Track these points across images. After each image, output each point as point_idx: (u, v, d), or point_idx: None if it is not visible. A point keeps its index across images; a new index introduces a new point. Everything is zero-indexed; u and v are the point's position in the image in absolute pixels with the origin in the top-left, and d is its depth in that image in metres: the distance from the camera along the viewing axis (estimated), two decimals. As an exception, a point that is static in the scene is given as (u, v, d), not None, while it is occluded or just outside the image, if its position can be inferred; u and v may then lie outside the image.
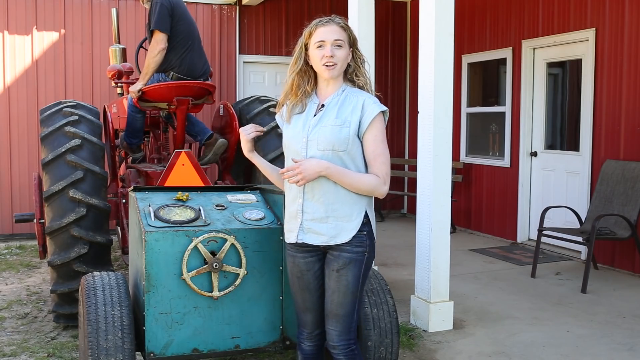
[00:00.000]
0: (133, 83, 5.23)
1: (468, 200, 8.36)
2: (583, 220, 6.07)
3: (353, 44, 2.65)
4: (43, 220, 4.67)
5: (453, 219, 7.76)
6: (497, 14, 7.74)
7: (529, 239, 7.40)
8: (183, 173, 4.64)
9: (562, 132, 7.22)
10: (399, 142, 9.65)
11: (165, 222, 2.93)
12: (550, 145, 7.26)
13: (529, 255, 6.64)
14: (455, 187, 8.17)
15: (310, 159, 2.55)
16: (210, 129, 5.52)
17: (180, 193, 3.18)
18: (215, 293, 2.91)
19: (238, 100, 6.04)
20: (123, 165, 6.14)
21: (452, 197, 5.38)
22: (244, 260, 2.96)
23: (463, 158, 8.42)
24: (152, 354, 2.87)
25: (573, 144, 6.85)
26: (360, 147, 2.59)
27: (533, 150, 7.33)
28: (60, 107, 4.83)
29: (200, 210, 3.06)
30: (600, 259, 6.25)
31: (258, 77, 8.96)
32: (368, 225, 2.62)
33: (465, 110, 8.38)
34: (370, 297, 3.21)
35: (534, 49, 7.23)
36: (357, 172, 2.57)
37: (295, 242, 2.64)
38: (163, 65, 4.82)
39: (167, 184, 4.56)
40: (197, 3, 8.40)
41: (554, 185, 7.03)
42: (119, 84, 5.86)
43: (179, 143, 5.13)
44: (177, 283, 2.87)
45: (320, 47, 2.57)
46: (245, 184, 5.05)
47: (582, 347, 4.14)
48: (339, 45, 2.57)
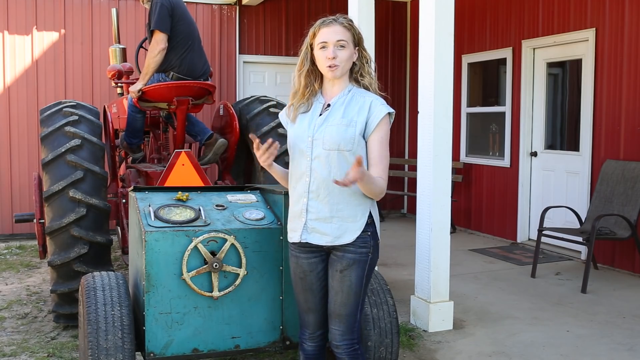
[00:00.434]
0: (133, 83, 5.23)
1: (468, 200, 8.36)
2: (583, 220, 6.07)
3: (358, 43, 2.63)
4: (43, 220, 4.67)
5: (453, 219, 7.76)
6: (497, 14, 7.74)
7: (529, 239, 7.40)
8: (183, 173, 4.64)
9: (562, 132, 7.22)
10: (399, 142, 9.65)
11: (165, 222, 2.93)
12: (550, 145, 7.26)
13: (529, 255, 6.64)
14: (455, 187, 8.17)
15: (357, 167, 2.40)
16: (210, 129, 5.52)
17: (180, 193, 3.18)
18: (215, 293, 2.91)
19: (238, 100, 6.04)
20: (123, 165, 6.14)
21: (452, 197, 5.38)
22: (244, 260, 2.96)
23: (463, 158, 8.42)
24: (152, 354, 2.87)
25: (573, 144, 6.85)
26: (365, 147, 2.59)
27: (533, 150, 7.33)
28: (60, 107, 4.83)
29: (200, 210, 3.06)
30: (600, 259, 6.25)
31: (258, 77, 8.96)
32: (372, 226, 2.61)
33: (465, 110, 8.38)
34: (370, 297, 3.21)
35: (534, 49, 7.23)
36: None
37: (299, 241, 2.64)
38: (163, 65, 4.82)
39: (167, 184, 4.56)
40: (197, 3, 8.40)
41: (554, 185, 7.03)
42: (119, 84, 5.86)
43: (179, 143, 5.14)
44: (177, 283, 2.87)
45: (324, 47, 2.57)
46: (245, 184, 5.05)
47: (582, 347, 4.14)
48: (342, 46, 2.56)
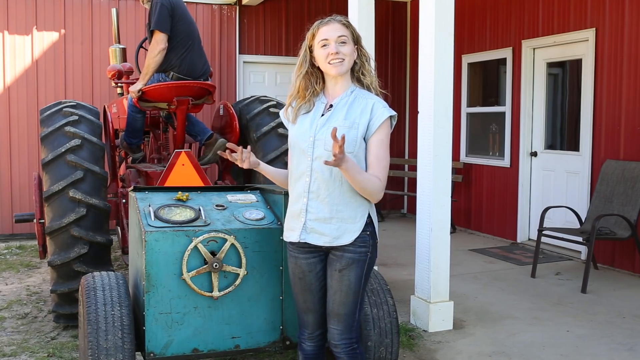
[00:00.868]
0: (133, 83, 5.23)
1: (468, 200, 8.36)
2: (583, 220, 6.07)
3: (357, 41, 2.63)
4: (43, 220, 4.67)
5: (453, 219, 7.76)
6: (497, 14, 7.74)
7: (529, 239, 7.40)
8: (183, 173, 4.64)
9: (562, 132, 7.22)
10: (399, 142, 9.65)
11: (165, 222, 2.92)
12: (550, 145, 7.26)
13: (529, 255, 6.64)
14: (455, 187, 8.17)
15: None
16: (210, 129, 5.52)
17: (180, 193, 3.18)
18: (215, 293, 2.91)
19: (238, 100, 6.04)
20: (123, 165, 6.14)
21: (452, 197, 5.38)
22: (244, 260, 2.96)
23: (463, 158, 8.42)
24: (152, 354, 2.87)
25: (573, 144, 6.85)
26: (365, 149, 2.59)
27: (533, 150, 7.33)
28: (60, 107, 4.83)
29: (200, 210, 3.06)
30: (600, 259, 6.25)
31: (258, 77, 8.96)
32: (371, 226, 2.61)
33: (465, 110, 8.38)
34: (370, 297, 3.21)
35: (534, 49, 7.23)
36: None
37: (297, 241, 2.63)
38: (163, 65, 4.82)
39: (167, 184, 4.56)
40: (197, 3, 8.40)
41: (554, 185, 7.03)
42: (119, 84, 5.86)
43: (179, 143, 5.14)
44: (177, 283, 2.87)
45: (325, 45, 2.56)
46: (245, 184, 5.05)
47: (582, 347, 4.14)
48: (343, 42, 2.56)
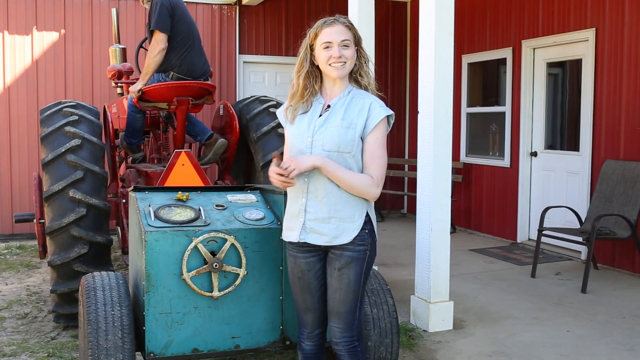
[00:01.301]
0: (133, 83, 5.23)
1: (468, 200, 8.36)
2: (583, 220, 6.07)
3: (358, 43, 2.64)
4: (43, 220, 4.67)
5: (453, 219, 7.76)
6: (497, 14, 7.74)
7: (529, 239, 7.40)
8: (183, 173, 4.64)
9: (562, 132, 7.22)
10: (399, 142, 9.65)
11: (165, 222, 2.92)
12: (550, 145, 7.26)
13: (529, 255, 6.64)
14: (455, 187, 8.17)
15: (306, 155, 2.57)
16: (210, 129, 5.52)
17: (180, 193, 3.18)
18: (215, 293, 2.91)
19: (238, 100, 6.04)
20: (123, 165, 6.14)
21: (452, 197, 5.38)
22: (244, 260, 2.96)
23: (463, 158, 8.42)
24: (152, 354, 2.87)
25: (573, 144, 6.85)
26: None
27: (533, 150, 7.33)
28: (60, 107, 4.83)
29: (200, 210, 3.06)
30: (600, 259, 6.25)
31: (258, 77, 8.96)
32: (369, 224, 2.62)
33: (465, 110, 8.37)
34: (370, 297, 3.21)
35: (534, 49, 7.23)
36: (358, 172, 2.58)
37: (297, 241, 2.64)
38: (163, 65, 4.82)
39: (167, 184, 4.56)
40: (197, 3, 8.39)
41: (554, 185, 7.03)
42: (119, 84, 5.86)
43: (179, 143, 5.13)
44: (177, 283, 2.87)
45: (327, 48, 2.57)
46: (245, 184, 5.05)
47: (582, 347, 4.14)
48: (346, 45, 2.58)
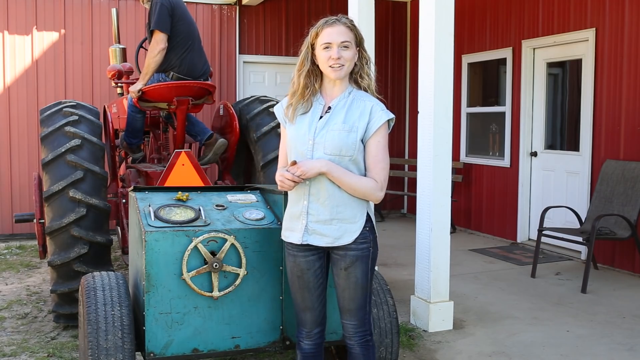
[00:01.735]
0: (133, 83, 5.23)
1: (468, 200, 8.36)
2: (583, 220, 6.07)
3: (359, 44, 2.64)
4: (43, 220, 4.67)
5: (453, 219, 7.76)
6: (497, 14, 7.74)
7: (529, 239, 7.40)
8: (183, 173, 4.64)
9: (562, 132, 7.22)
10: (399, 142, 9.65)
11: (165, 222, 2.92)
12: (550, 145, 7.26)
13: (529, 255, 6.64)
14: (455, 187, 8.17)
15: (311, 160, 2.56)
16: (210, 129, 5.52)
17: (180, 193, 3.18)
18: (215, 293, 2.91)
19: (238, 100, 6.04)
20: (123, 165, 6.14)
21: (452, 197, 5.38)
22: (244, 260, 2.95)
23: (463, 158, 8.42)
24: (152, 354, 2.86)
25: (573, 144, 6.85)
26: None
27: (533, 150, 7.33)
28: (60, 107, 4.83)
29: (200, 210, 3.06)
30: (600, 259, 6.25)
31: (258, 77, 8.96)
32: (369, 221, 2.64)
33: (465, 110, 8.37)
34: (370, 297, 3.21)
35: (534, 49, 7.23)
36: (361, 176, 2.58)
37: (299, 243, 2.65)
38: (163, 65, 4.82)
39: (167, 184, 4.56)
40: (197, 3, 8.39)
41: (554, 185, 7.03)
42: (119, 84, 5.86)
43: (179, 143, 5.13)
44: (177, 283, 2.87)
45: (327, 48, 2.56)
46: (245, 184, 5.05)
47: (582, 347, 4.14)
48: (346, 47, 2.56)
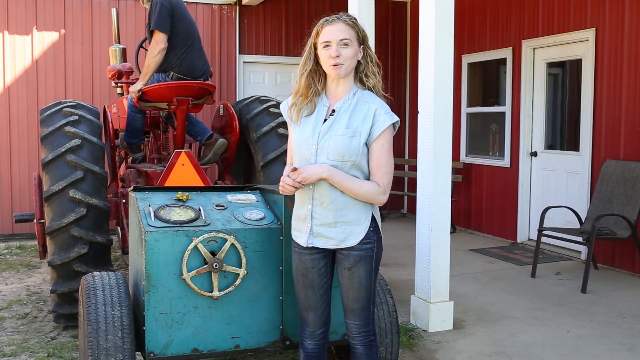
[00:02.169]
0: (133, 83, 5.23)
1: (468, 200, 8.36)
2: (583, 220, 6.07)
3: (363, 41, 2.59)
4: (43, 220, 4.67)
5: (453, 219, 7.76)
6: (497, 14, 7.74)
7: (529, 239, 7.40)
8: (183, 173, 4.64)
9: (562, 132, 7.22)
10: (399, 142, 9.65)
11: (165, 222, 2.92)
12: (550, 145, 7.26)
13: (529, 255, 6.64)
14: (455, 187, 8.17)
15: (313, 165, 2.55)
16: (210, 129, 5.52)
17: (180, 193, 3.18)
18: (215, 293, 2.91)
19: (238, 100, 6.03)
20: (123, 165, 6.14)
21: (452, 197, 5.38)
22: (244, 260, 2.95)
23: (463, 158, 8.42)
24: (152, 354, 2.86)
25: (573, 144, 6.85)
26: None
27: (533, 150, 7.33)
28: (60, 107, 4.83)
29: (200, 210, 3.06)
30: (600, 259, 6.25)
31: (258, 77, 8.96)
32: (374, 222, 2.62)
33: (465, 110, 8.37)
34: (370, 297, 3.21)
35: (534, 49, 7.23)
36: (362, 179, 2.57)
37: (305, 246, 2.65)
38: (163, 65, 4.82)
39: (167, 184, 4.56)
40: (197, 3, 8.39)
41: (554, 185, 7.03)
42: (119, 84, 5.86)
43: (179, 143, 5.13)
44: (177, 283, 2.87)
45: (327, 47, 2.53)
46: (245, 184, 5.05)
47: (582, 347, 4.14)
48: (345, 44, 2.52)
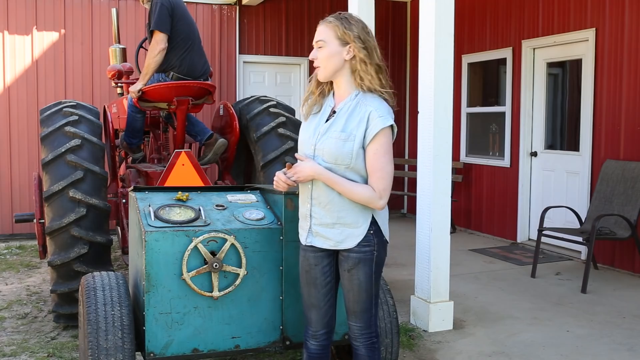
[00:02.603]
0: (133, 83, 5.23)
1: (468, 200, 8.36)
2: (583, 220, 6.07)
3: (352, 40, 2.50)
4: (43, 220, 4.67)
5: (453, 219, 7.76)
6: (497, 14, 7.74)
7: (529, 239, 7.40)
8: (183, 173, 4.64)
9: (562, 132, 7.22)
10: (399, 142, 9.64)
11: (165, 222, 2.92)
12: (550, 145, 7.26)
13: (529, 255, 6.64)
14: (455, 187, 8.17)
15: (307, 162, 2.58)
16: (210, 129, 5.52)
17: (180, 193, 3.18)
18: (215, 293, 2.91)
19: (238, 100, 6.03)
20: (123, 165, 6.14)
21: (452, 197, 5.38)
22: (244, 260, 2.95)
23: (463, 158, 8.42)
24: (152, 354, 2.86)
25: (573, 144, 6.85)
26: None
27: (533, 150, 7.33)
28: (60, 107, 4.83)
29: (200, 210, 3.06)
30: (600, 259, 6.25)
31: (258, 77, 8.96)
32: (374, 225, 2.59)
33: (465, 110, 8.37)
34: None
35: (534, 49, 7.23)
36: (361, 183, 2.55)
37: (305, 244, 2.67)
38: (163, 65, 4.82)
39: (167, 184, 4.56)
40: (197, 3, 8.40)
41: (554, 185, 7.03)
42: (119, 84, 5.86)
43: (179, 143, 5.13)
44: (177, 283, 2.87)
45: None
46: (245, 184, 5.05)
47: (582, 347, 4.15)
48: (320, 47, 2.55)
